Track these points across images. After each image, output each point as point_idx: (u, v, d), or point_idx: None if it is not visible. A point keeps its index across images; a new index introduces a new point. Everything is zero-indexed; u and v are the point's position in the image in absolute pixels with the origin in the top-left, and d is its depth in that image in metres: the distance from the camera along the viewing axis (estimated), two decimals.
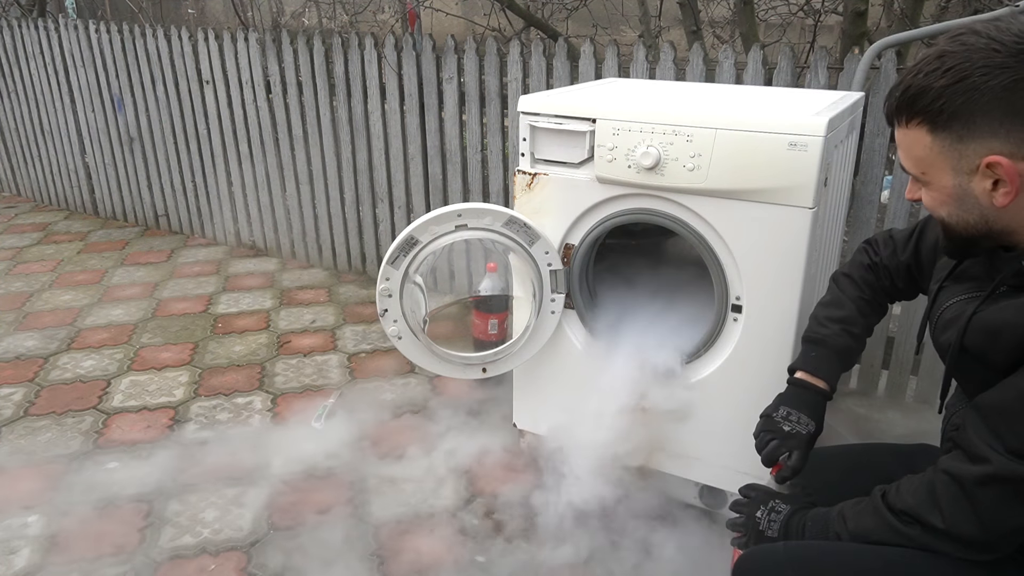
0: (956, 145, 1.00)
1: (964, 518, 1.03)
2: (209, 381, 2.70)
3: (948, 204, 1.06)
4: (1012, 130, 0.96)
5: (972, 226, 1.05)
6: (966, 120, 0.98)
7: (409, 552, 1.90)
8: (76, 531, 1.98)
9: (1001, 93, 0.95)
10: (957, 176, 1.02)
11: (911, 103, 1.02)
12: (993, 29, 0.97)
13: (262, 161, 3.64)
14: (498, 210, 1.85)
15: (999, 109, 0.95)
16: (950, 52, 0.98)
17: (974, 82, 0.96)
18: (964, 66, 0.96)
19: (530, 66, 2.74)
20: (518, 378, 2.15)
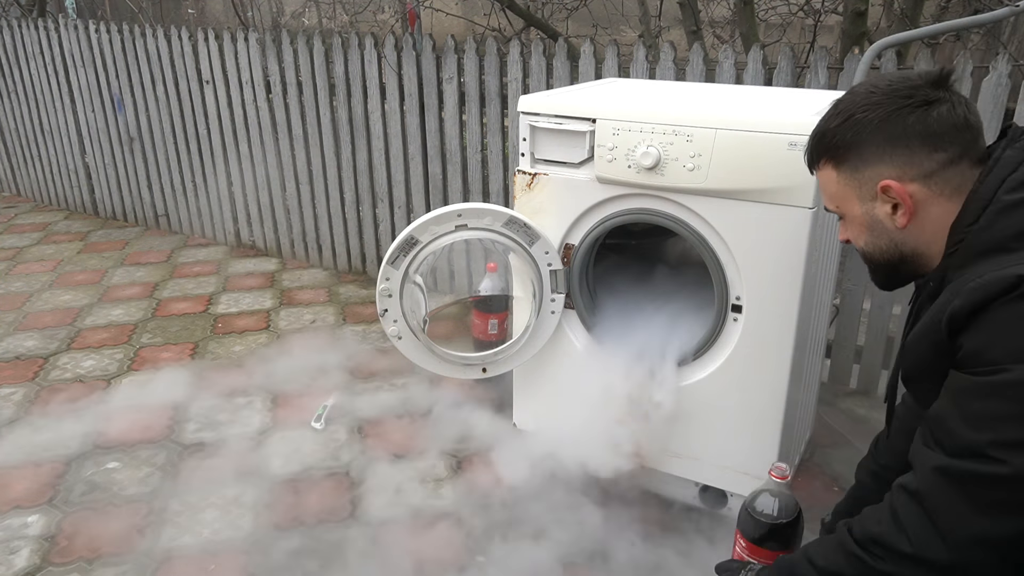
0: (855, 175, 1.15)
1: (927, 535, 1.02)
2: (209, 381, 2.70)
3: (863, 234, 1.19)
4: (894, 155, 1.10)
5: (886, 251, 1.18)
6: (858, 151, 1.13)
7: (409, 551, 1.90)
8: (76, 531, 1.98)
9: (879, 124, 1.11)
10: (863, 204, 1.16)
11: (816, 146, 1.20)
12: (873, 80, 1.15)
13: (262, 161, 3.64)
14: (498, 210, 1.85)
15: (881, 137, 1.11)
16: (841, 100, 1.17)
17: (857, 118, 1.12)
18: (849, 108, 1.14)
19: (530, 66, 2.74)
20: (518, 378, 2.15)
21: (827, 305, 2.13)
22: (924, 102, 1.09)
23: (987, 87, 2.06)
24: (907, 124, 1.09)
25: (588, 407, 1.97)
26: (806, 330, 1.76)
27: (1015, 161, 1.05)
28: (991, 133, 2.08)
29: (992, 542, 0.98)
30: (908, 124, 1.09)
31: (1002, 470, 0.95)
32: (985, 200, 1.05)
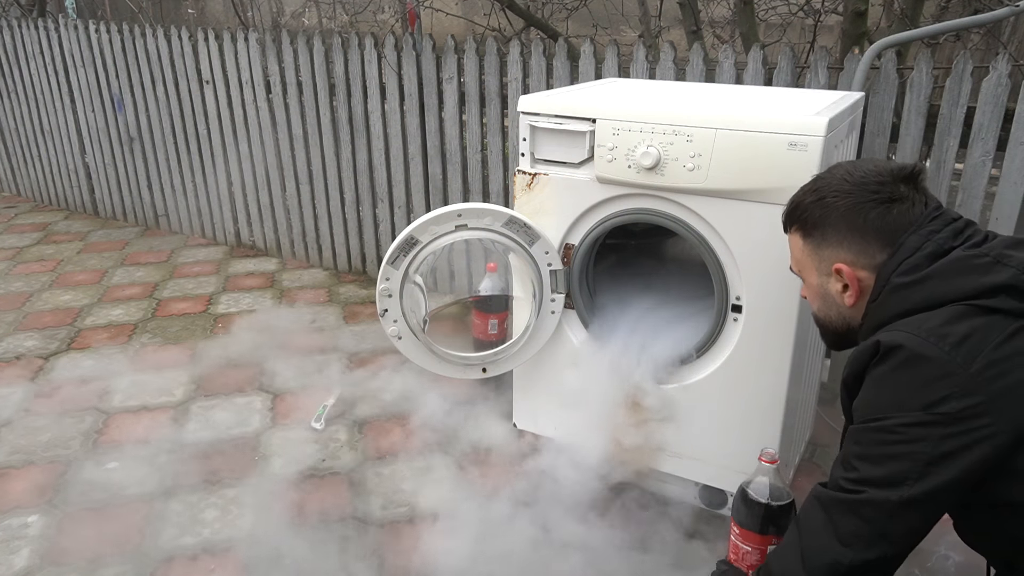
0: (817, 250, 1.26)
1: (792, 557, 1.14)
2: (209, 381, 2.70)
3: (817, 300, 1.31)
4: (852, 243, 1.20)
5: (834, 322, 1.30)
6: (822, 230, 1.23)
7: (409, 551, 1.90)
8: (76, 531, 1.98)
9: (844, 212, 1.20)
10: (820, 277, 1.27)
11: (790, 213, 1.30)
12: (852, 165, 1.24)
13: (262, 161, 3.64)
14: (498, 210, 1.85)
15: (843, 225, 1.20)
16: (820, 178, 1.27)
17: (827, 201, 1.22)
18: (824, 189, 1.23)
19: (530, 66, 2.74)
20: (518, 378, 2.15)
21: None
22: (888, 199, 1.18)
23: (987, 87, 2.06)
24: (868, 218, 1.18)
25: (588, 407, 1.97)
26: (806, 330, 1.76)
27: (913, 247, 1.15)
28: (991, 134, 2.09)
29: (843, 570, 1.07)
30: (869, 218, 1.18)
31: (855, 497, 1.07)
32: (883, 281, 1.17)
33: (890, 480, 1.04)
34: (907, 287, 1.13)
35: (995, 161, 2.14)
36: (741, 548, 1.48)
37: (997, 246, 1.11)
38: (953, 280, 1.09)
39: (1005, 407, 1.00)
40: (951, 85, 2.10)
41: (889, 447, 1.05)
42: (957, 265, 1.10)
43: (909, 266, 1.14)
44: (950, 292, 1.08)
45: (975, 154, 2.13)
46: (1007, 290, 1.05)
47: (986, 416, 1.00)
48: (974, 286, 1.06)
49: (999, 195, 2.15)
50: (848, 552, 1.07)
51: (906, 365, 1.05)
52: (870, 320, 1.19)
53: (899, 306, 1.13)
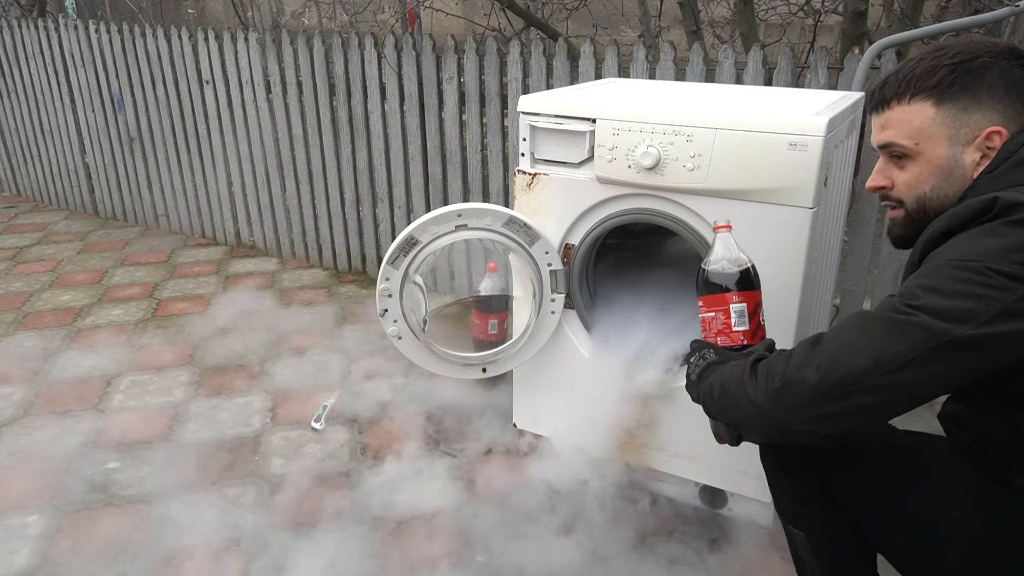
0: (960, 116, 1.13)
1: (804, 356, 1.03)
2: (209, 381, 2.70)
3: (934, 177, 1.16)
4: (1009, 106, 1.11)
5: (948, 200, 1.15)
6: (973, 93, 1.12)
7: (409, 552, 1.90)
8: (76, 531, 1.98)
9: (1002, 73, 1.11)
10: (952, 147, 1.14)
11: (923, 78, 1.15)
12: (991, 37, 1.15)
13: (262, 161, 3.64)
14: (498, 210, 1.85)
15: (1002, 86, 1.11)
16: (953, 44, 1.16)
17: (983, 62, 1.12)
18: (973, 49, 1.13)
19: (530, 66, 2.74)
20: (518, 378, 2.16)
21: (827, 305, 2.13)
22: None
23: None
24: (1018, 79, 1.11)
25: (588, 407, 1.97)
26: (806, 330, 1.76)
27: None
28: None
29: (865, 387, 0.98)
30: (1019, 79, 1.11)
31: (894, 315, 0.98)
32: (1009, 152, 1.09)
33: (955, 315, 0.95)
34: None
35: None
36: (706, 318, 1.35)
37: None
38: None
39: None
40: None
41: (967, 285, 0.96)
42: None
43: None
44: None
45: None
46: None
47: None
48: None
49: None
50: (874, 371, 0.97)
51: (1021, 223, 0.97)
52: (977, 191, 1.08)
53: (1021, 178, 1.05)
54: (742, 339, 1.31)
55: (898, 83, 1.18)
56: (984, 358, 0.97)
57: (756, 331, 1.32)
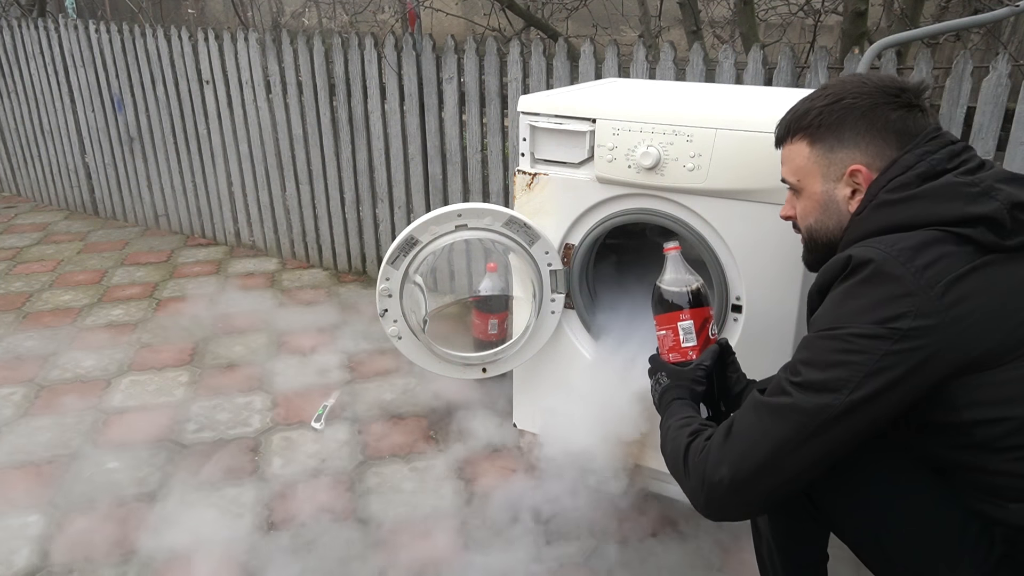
0: (828, 154, 1.22)
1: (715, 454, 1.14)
2: (209, 381, 2.70)
3: (815, 211, 1.26)
4: (871, 144, 1.18)
5: (830, 232, 1.25)
6: (838, 132, 1.20)
7: (410, 552, 1.90)
8: (76, 531, 1.98)
9: (865, 113, 1.18)
10: (826, 183, 1.23)
11: (797, 120, 1.26)
12: (863, 75, 1.23)
13: (262, 161, 3.64)
14: (498, 210, 1.85)
15: (863, 124, 1.18)
16: (830, 84, 1.25)
17: (847, 102, 1.19)
18: (839, 91, 1.21)
19: (530, 66, 2.74)
20: (518, 378, 2.16)
21: None
22: (908, 104, 1.18)
23: (987, 87, 2.06)
24: (890, 119, 1.17)
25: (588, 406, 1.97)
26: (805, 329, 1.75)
27: (906, 165, 1.14)
28: (991, 134, 2.09)
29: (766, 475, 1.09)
30: (891, 119, 1.17)
31: (780, 400, 1.09)
32: (872, 196, 1.16)
33: (828, 385, 1.05)
34: (893, 204, 1.12)
35: (995, 161, 2.14)
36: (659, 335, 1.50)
37: (989, 177, 1.10)
38: (939, 204, 1.08)
39: (954, 335, 1.02)
40: (951, 85, 2.10)
41: (836, 354, 1.06)
42: (946, 190, 1.09)
43: (899, 183, 1.13)
44: (933, 215, 1.08)
45: None
46: (988, 222, 1.05)
47: (934, 336, 1.02)
48: (958, 213, 1.06)
49: None
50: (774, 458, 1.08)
51: (871, 280, 1.05)
52: (850, 234, 1.18)
53: (881, 222, 1.12)
54: (691, 354, 1.46)
55: (785, 124, 1.29)
56: (869, 415, 1.05)
57: (705, 344, 1.47)
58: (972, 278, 1.03)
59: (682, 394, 1.41)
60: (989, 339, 1.03)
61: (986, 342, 1.03)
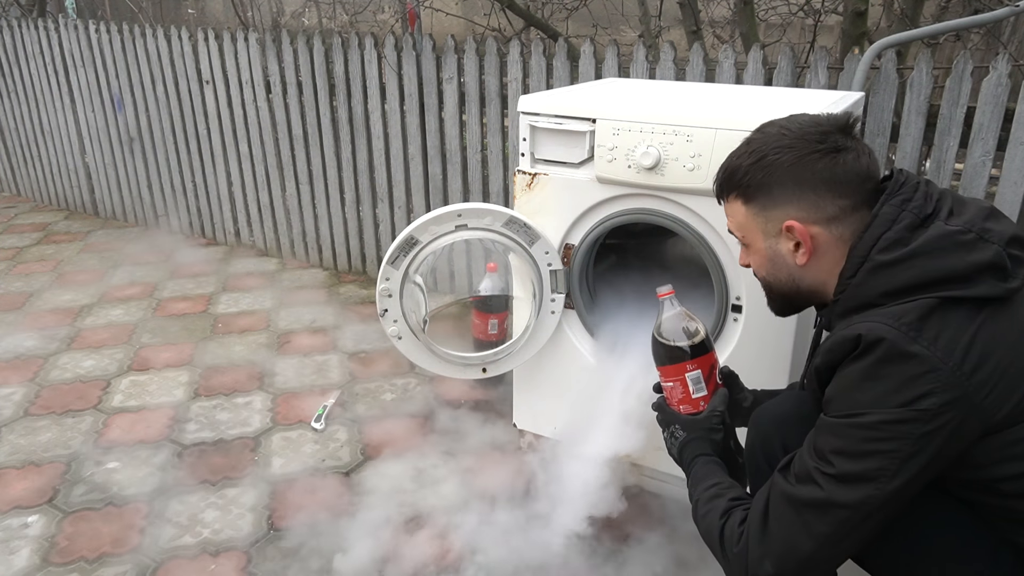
0: (762, 212, 1.20)
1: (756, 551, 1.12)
2: (209, 381, 2.70)
3: (765, 265, 1.25)
4: (801, 198, 1.15)
5: (784, 284, 1.24)
6: (767, 190, 1.18)
7: (410, 552, 1.90)
8: (76, 531, 1.98)
9: (789, 168, 1.15)
10: (767, 239, 1.21)
11: (727, 180, 1.24)
12: (787, 121, 1.20)
13: (262, 161, 3.64)
14: (498, 210, 1.85)
15: (790, 180, 1.15)
16: (753, 139, 1.21)
17: (769, 160, 1.16)
18: (761, 148, 1.18)
19: (530, 66, 2.74)
20: (518, 378, 2.15)
21: None
22: (833, 149, 1.14)
23: (987, 87, 2.06)
24: (816, 170, 1.14)
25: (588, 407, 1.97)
26: (806, 327, 1.75)
27: (889, 219, 1.10)
28: (991, 134, 2.09)
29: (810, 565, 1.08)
30: (816, 170, 1.14)
31: (816, 494, 1.06)
32: (861, 257, 1.11)
33: (867, 475, 1.03)
34: (891, 266, 1.07)
35: (995, 161, 2.14)
36: (666, 387, 1.45)
37: (975, 220, 1.07)
38: (939, 259, 1.05)
39: (980, 400, 1.01)
40: (951, 85, 2.10)
41: (868, 444, 1.03)
42: (942, 242, 1.06)
43: (890, 241, 1.08)
44: (937, 272, 1.04)
45: (975, 154, 2.13)
46: (990, 268, 1.03)
47: (962, 407, 1.00)
48: (961, 266, 1.03)
49: (999, 195, 2.15)
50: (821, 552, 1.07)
51: (888, 360, 1.02)
52: (849, 299, 1.13)
53: (882, 287, 1.08)
54: (702, 404, 1.42)
55: (717, 183, 1.26)
56: (909, 494, 1.05)
57: (715, 390, 1.44)
58: (981, 338, 1.01)
59: (703, 448, 1.38)
60: (1013, 395, 1.02)
61: (1012, 399, 1.02)
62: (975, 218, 1.08)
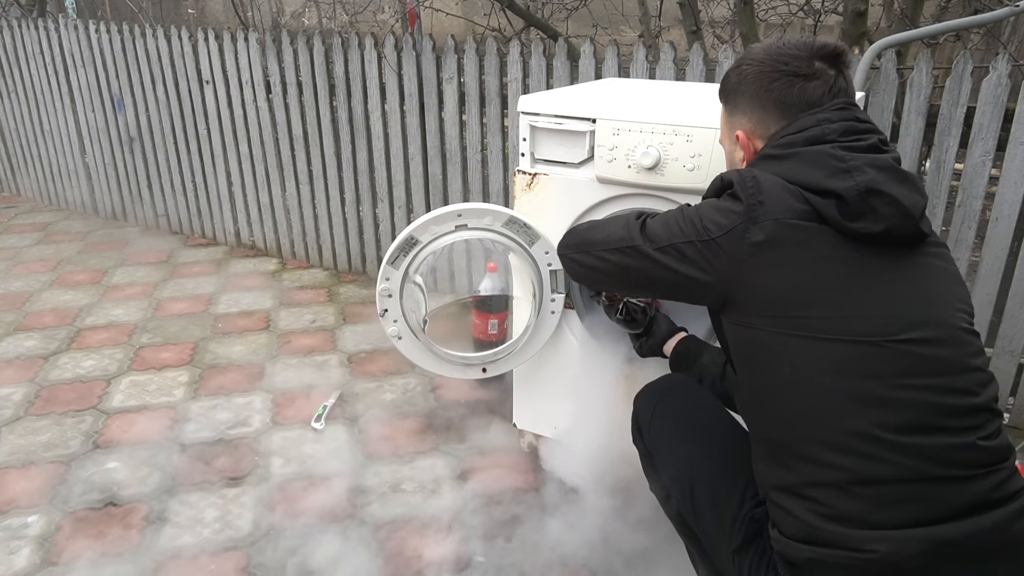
0: (728, 118, 1.31)
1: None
2: (209, 381, 2.70)
3: (728, 167, 1.38)
4: (753, 112, 1.24)
5: None
6: (735, 98, 1.28)
7: (410, 552, 1.90)
8: (76, 531, 1.98)
9: (752, 81, 1.23)
10: (729, 144, 1.34)
11: (720, 85, 1.34)
12: (782, 40, 1.25)
13: (262, 161, 3.64)
14: (498, 210, 1.85)
15: (750, 93, 1.24)
16: (750, 48, 1.31)
17: (742, 69, 1.26)
18: (744, 58, 1.27)
19: (530, 66, 2.74)
20: (518, 378, 2.15)
21: None
22: (793, 73, 1.20)
23: (987, 87, 2.06)
24: (770, 88, 1.21)
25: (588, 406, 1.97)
26: None
27: (801, 126, 1.18)
28: (991, 134, 2.09)
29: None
30: (771, 88, 1.21)
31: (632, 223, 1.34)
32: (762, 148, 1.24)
33: (649, 234, 1.28)
34: (771, 159, 1.18)
35: (995, 161, 2.14)
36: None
37: (865, 161, 1.12)
38: (805, 168, 1.14)
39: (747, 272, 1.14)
40: (951, 85, 2.10)
41: (672, 219, 1.26)
42: (817, 157, 1.13)
43: (786, 141, 1.18)
44: (798, 177, 1.14)
45: (975, 154, 2.13)
46: (837, 197, 1.10)
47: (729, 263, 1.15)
48: (816, 182, 1.12)
49: (999, 195, 2.15)
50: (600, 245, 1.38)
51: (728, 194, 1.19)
52: None
53: (767, 168, 1.18)
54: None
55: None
56: (649, 272, 1.27)
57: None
58: (789, 232, 1.11)
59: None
60: (772, 288, 1.12)
61: (767, 289, 1.13)
62: (865, 161, 1.12)
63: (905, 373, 1.07)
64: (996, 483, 1.06)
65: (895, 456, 1.05)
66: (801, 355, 1.10)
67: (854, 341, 1.08)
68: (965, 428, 1.06)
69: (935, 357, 1.08)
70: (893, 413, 1.06)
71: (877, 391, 1.07)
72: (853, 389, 1.07)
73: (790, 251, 1.11)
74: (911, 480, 1.04)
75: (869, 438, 1.05)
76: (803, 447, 1.10)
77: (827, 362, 1.09)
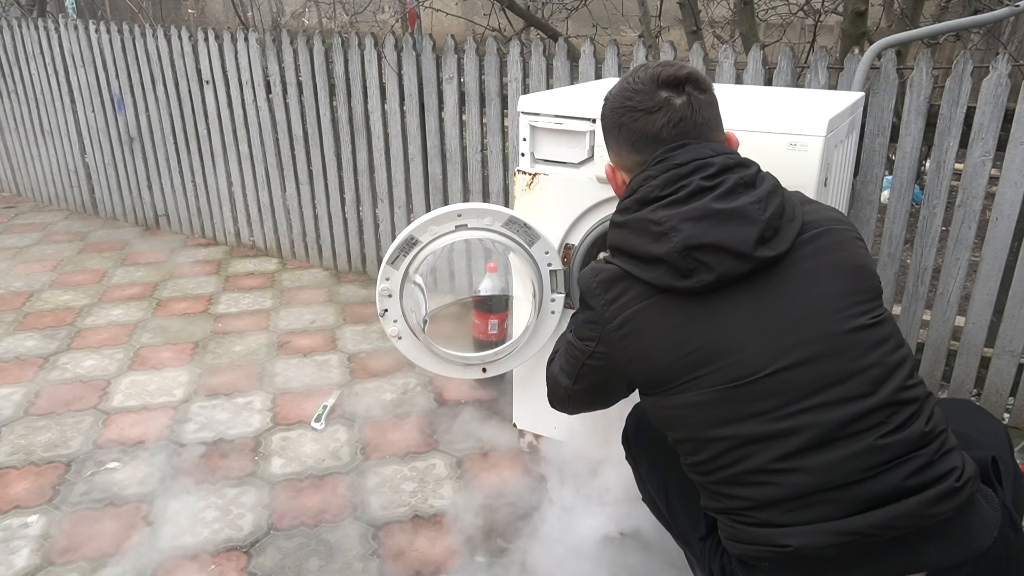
0: (607, 150, 1.34)
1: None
2: (209, 381, 2.70)
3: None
4: (611, 146, 1.30)
5: None
6: (603, 133, 1.32)
7: (410, 552, 1.90)
8: (76, 531, 1.98)
9: (605, 117, 1.29)
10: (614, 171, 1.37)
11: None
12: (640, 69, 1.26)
13: (262, 161, 3.64)
14: (498, 210, 1.85)
15: (606, 129, 1.30)
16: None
17: (602, 107, 1.30)
18: (608, 93, 1.30)
19: (530, 66, 2.74)
20: (518, 378, 2.15)
21: None
22: (634, 108, 1.24)
23: (987, 87, 2.06)
24: (618, 123, 1.26)
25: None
26: None
27: (632, 188, 1.23)
28: (991, 134, 2.09)
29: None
30: (619, 123, 1.26)
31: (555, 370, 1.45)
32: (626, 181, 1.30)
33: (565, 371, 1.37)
34: (615, 227, 1.25)
35: (995, 161, 2.14)
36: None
37: (677, 217, 1.15)
38: (634, 238, 1.20)
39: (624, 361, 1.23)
40: (951, 85, 2.10)
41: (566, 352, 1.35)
42: (639, 226, 1.19)
43: (623, 207, 1.24)
44: (631, 248, 1.20)
45: (975, 154, 2.13)
46: (663, 263, 1.15)
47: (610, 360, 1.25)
48: (643, 251, 1.17)
49: (999, 195, 2.15)
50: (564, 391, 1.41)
51: (583, 303, 1.28)
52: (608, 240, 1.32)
53: (611, 240, 1.26)
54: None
55: None
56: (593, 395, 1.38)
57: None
58: (644, 315, 1.19)
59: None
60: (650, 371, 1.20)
61: (648, 371, 1.20)
62: (678, 216, 1.15)
63: (788, 402, 1.11)
64: (910, 471, 1.09)
65: (796, 478, 1.11)
66: (694, 415, 1.17)
67: (731, 387, 1.13)
68: (862, 431, 1.10)
69: (816, 375, 1.11)
70: (785, 443, 1.11)
71: (763, 428, 1.12)
72: (742, 433, 1.13)
73: (649, 332, 1.18)
74: (815, 492, 1.11)
75: (768, 472, 1.12)
76: (714, 487, 1.20)
77: (714, 416, 1.15)
